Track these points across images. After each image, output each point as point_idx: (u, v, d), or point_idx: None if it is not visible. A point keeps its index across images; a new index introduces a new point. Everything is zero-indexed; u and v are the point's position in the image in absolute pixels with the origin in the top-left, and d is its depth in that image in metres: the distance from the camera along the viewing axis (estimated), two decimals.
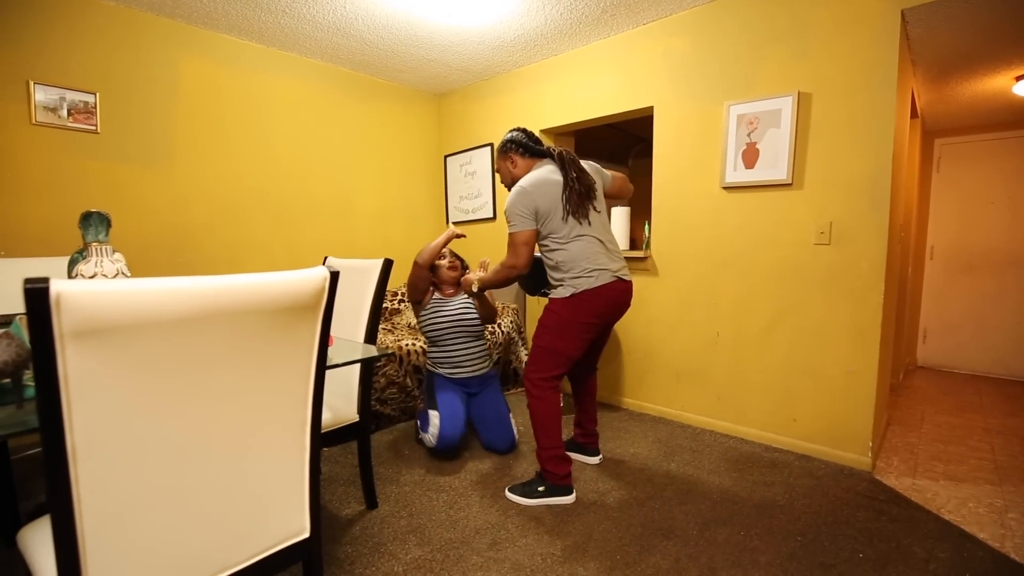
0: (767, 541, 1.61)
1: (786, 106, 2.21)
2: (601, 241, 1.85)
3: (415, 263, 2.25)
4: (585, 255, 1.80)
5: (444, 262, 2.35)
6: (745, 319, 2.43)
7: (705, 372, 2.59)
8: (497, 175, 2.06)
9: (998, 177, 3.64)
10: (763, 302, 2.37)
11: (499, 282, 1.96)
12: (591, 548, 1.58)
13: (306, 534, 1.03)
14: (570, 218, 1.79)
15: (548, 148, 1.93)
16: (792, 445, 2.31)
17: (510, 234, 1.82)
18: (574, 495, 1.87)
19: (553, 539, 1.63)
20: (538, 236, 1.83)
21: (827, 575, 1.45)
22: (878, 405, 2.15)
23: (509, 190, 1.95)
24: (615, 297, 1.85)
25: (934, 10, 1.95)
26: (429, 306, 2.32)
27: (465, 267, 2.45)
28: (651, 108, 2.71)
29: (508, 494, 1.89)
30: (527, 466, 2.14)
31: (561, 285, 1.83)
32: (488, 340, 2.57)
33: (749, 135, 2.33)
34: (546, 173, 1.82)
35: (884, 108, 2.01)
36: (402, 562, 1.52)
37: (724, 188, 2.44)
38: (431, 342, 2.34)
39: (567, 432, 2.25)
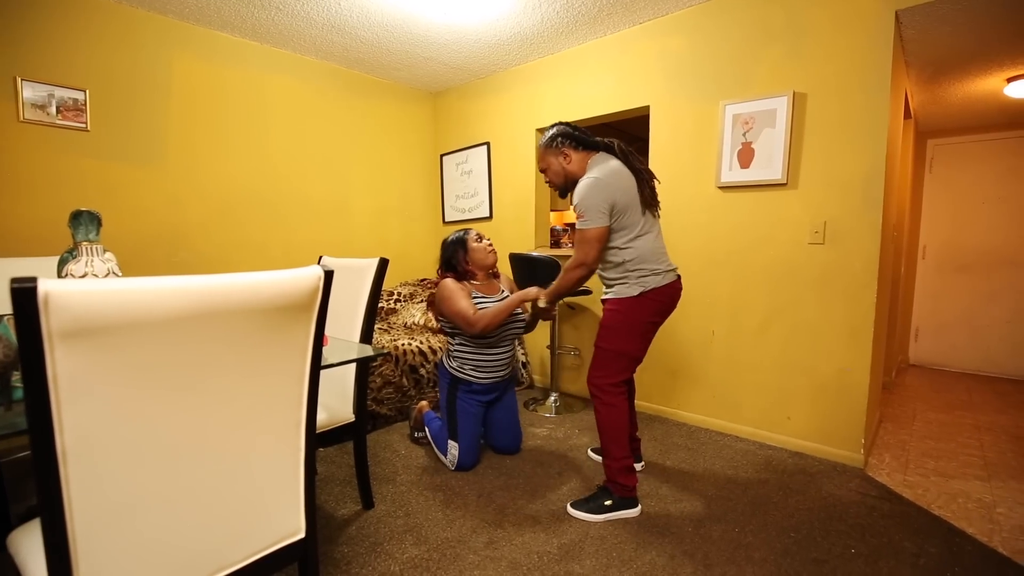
0: (761, 537, 1.62)
1: (781, 106, 2.21)
2: (661, 237, 1.79)
3: (476, 325, 1.94)
4: (654, 253, 1.71)
5: (484, 243, 2.10)
6: (740, 318, 2.44)
7: (700, 371, 2.60)
8: (543, 174, 1.88)
9: (990, 177, 3.67)
10: (758, 301, 2.38)
11: (570, 286, 1.78)
12: (587, 546, 1.58)
13: (302, 534, 1.02)
14: (646, 212, 1.70)
15: (602, 140, 1.78)
16: (786, 443, 2.32)
17: (579, 230, 1.67)
18: (640, 507, 1.77)
19: (549, 537, 1.63)
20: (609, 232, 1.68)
21: (820, 570, 1.46)
22: (870, 403, 2.17)
23: (558, 189, 1.85)
24: (675, 296, 1.78)
25: (927, 12, 1.97)
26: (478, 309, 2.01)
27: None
28: (647, 107, 2.71)
29: (572, 511, 1.76)
30: (523, 464, 2.15)
31: (623, 284, 1.71)
32: None
33: (744, 135, 2.34)
34: (616, 165, 1.69)
35: (878, 108, 2.02)
36: (399, 561, 1.51)
37: (719, 187, 2.45)
38: (475, 347, 2.08)
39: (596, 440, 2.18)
